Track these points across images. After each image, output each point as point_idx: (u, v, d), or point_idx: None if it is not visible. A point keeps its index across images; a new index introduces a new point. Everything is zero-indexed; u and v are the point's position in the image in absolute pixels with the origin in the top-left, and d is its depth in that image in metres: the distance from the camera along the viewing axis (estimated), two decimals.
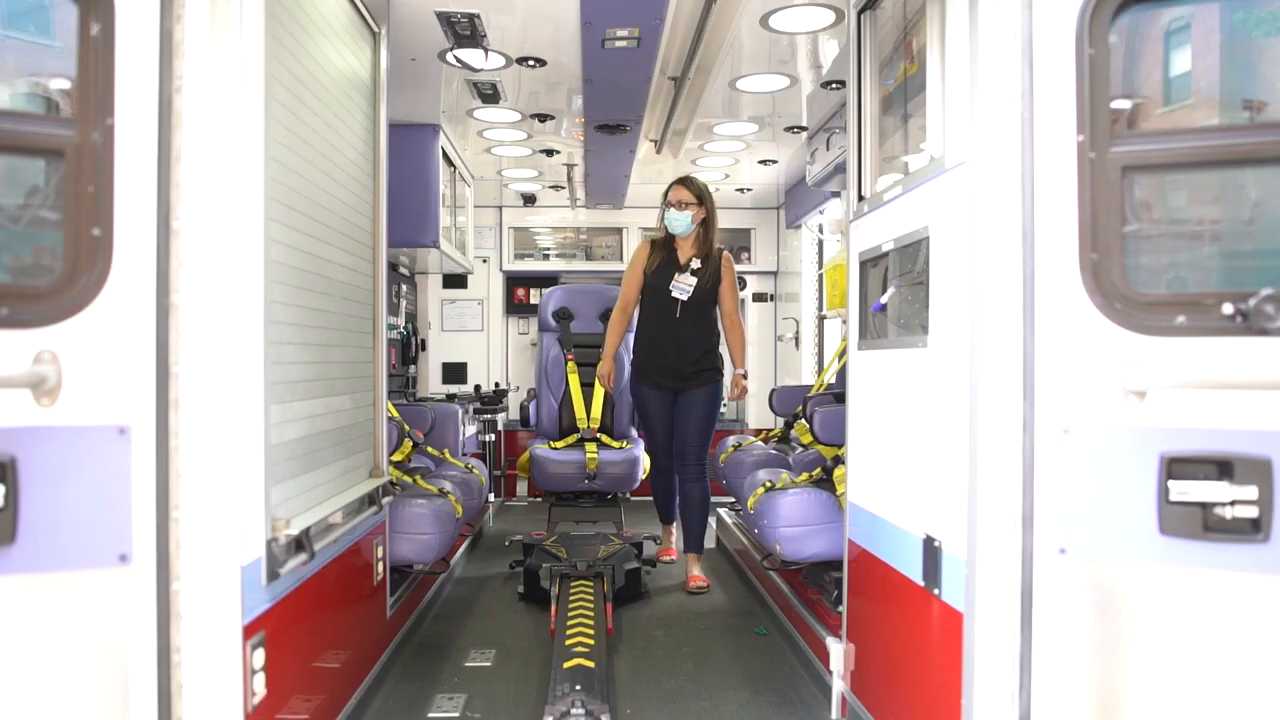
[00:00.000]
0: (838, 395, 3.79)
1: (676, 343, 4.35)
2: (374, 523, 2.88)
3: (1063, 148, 1.67)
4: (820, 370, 6.16)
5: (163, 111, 1.61)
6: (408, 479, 3.58)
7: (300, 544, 2.09)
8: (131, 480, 1.56)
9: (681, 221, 4.27)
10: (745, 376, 4.47)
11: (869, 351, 2.56)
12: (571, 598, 3.75)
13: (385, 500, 2.92)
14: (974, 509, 1.83)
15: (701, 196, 4.29)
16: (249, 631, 1.83)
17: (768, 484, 3.25)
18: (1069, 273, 1.67)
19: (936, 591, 2.02)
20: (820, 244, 6.38)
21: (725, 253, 4.42)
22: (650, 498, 4.86)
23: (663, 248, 4.39)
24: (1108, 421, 1.63)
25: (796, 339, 6.60)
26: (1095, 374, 1.64)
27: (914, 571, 2.17)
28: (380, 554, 2.99)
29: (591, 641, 3.13)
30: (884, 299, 2.41)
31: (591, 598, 3.72)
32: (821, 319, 6.17)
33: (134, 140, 1.57)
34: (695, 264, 4.33)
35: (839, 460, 3.23)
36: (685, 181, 4.33)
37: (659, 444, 4.54)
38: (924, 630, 2.12)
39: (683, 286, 4.31)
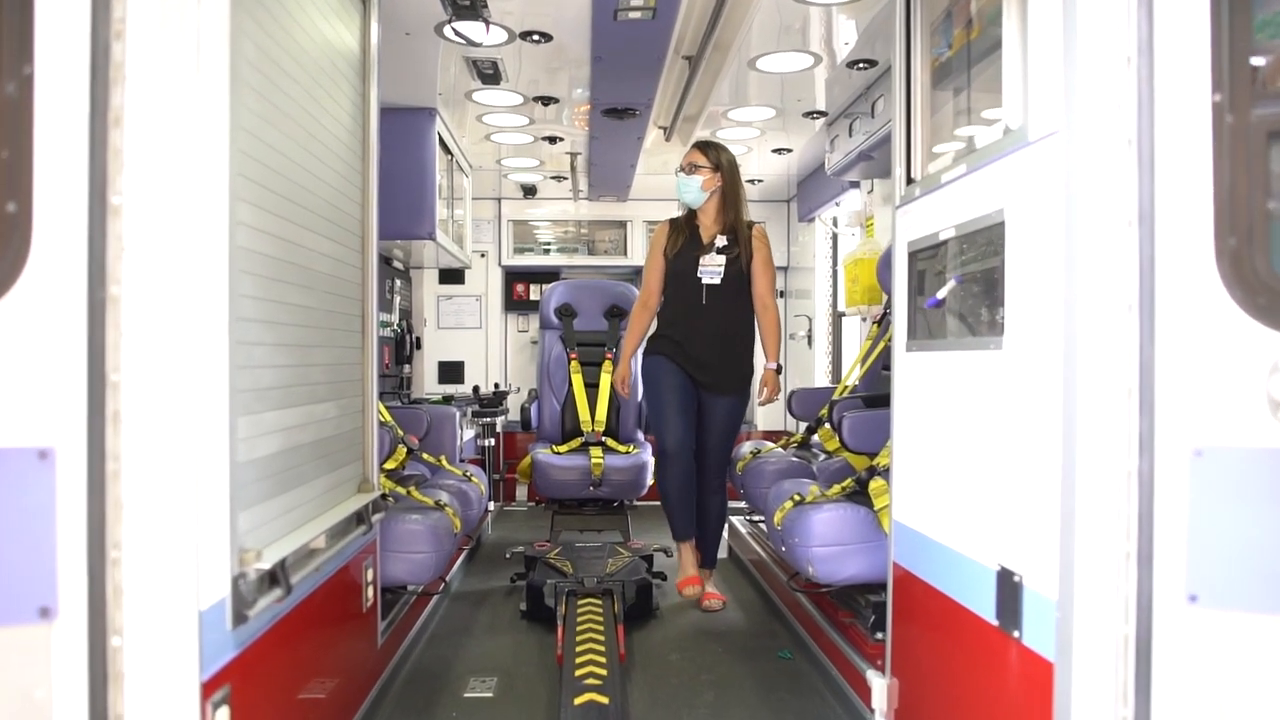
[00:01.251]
0: (866, 399, 3.51)
1: (702, 337, 3.78)
2: (363, 543, 2.58)
3: (1192, 110, 1.38)
4: (843, 371, 5.86)
5: (97, 62, 1.31)
6: (401, 490, 3.28)
7: (275, 578, 1.80)
8: (56, 515, 1.27)
9: (689, 187, 3.76)
10: (779, 371, 3.85)
11: (921, 353, 2.27)
12: (579, 618, 3.46)
13: (376, 518, 2.63)
14: (1070, 541, 1.54)
15: (718, 162, 3.77)
16: (209, 688, 1.53)
17: (796, 497, 2.97)
18: (1200, 261, 1.38)
19: (1016, 634, 1.73)
20: (835, 238, 6.09)
21: (758, 226, 3.88)
22: (658, 502, 4.09)
23: (684, 226, 3.87)
24: (1252, 441, 1.34)
25: (809, 337, 6.32)
26: (1235, 383, 1.35)
27: (983, 607, 1.88)
28: (370, 577, 2.69)
29: (604, 672, 2.84)
30: (941, 294, 2.12)
31: (601, 618, 3.43)
32: (839, 316, 5.88)
33: (59, 95, 1.28)
34: (721, 241, 3.77)
35: (874, 471, 2.95)
36: (701, 144, 3.86)
37: (675, 430, 3.78)
38: (997, 676, 1.83)
39: (711, 269, 3.73)
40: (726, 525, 4.49)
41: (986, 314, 1.92)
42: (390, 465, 3.74)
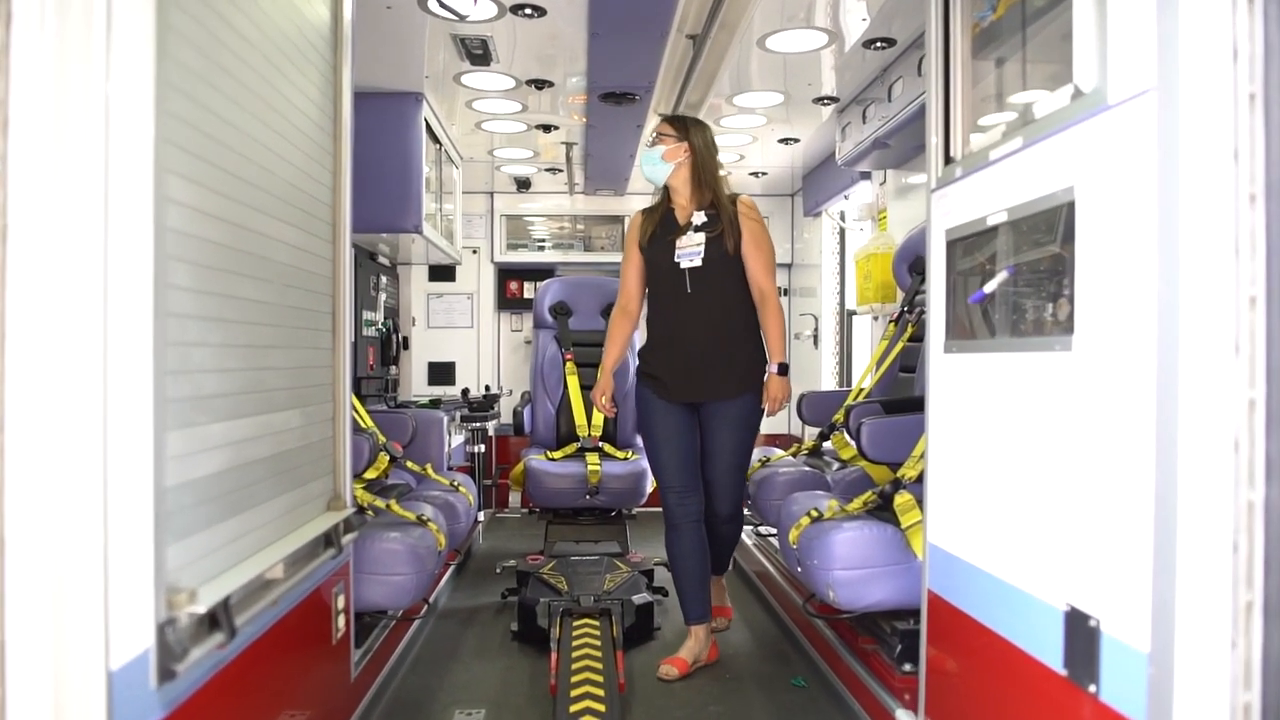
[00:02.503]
0: (886, 404, 3.24)
1: (692, 332, 3.14)
2: (333, 567, 2.31)
3: None
4: (853, 373, 5.58)
5: None
6: (380, 504, 3.00)
7: (216, 620, 1.52)
8: None
9: (651, 159, 3.19)
10: (784, 372, 3.16)
11: (963, 355, 2.00)
12: (575, 641, 3.19)
13: (348, 538, 2.36)
14: (1168, 584, 1.27)
15: (686, 133, 3.18)
16: None
17: (813, 513, 2.69)
18: None
19: (1091, 688, 1.47)
20: (842, 233, 5.83)
21: (745, 197, 3.23)
22: (659, 509, 3.40)
23: (657, 211, 3.29)
24: None
25: (815, 337, 6.05)
26: None
27: (1045, 652, 1.61)
28: (342, 604, 2.42)
29: (602, 707, 2.58)
30: (990, 287, 1.86)
31: (598, 642, 3.16)
32: (849, 315, 5.61)
33: None
34: (700, 218, 3.16)
35: (899, 485, 2.68)
36: (669, 116, 3.33)
37: (670, 477, 3.22)
38: None
39: (689, 250, 3.12)
40: None
41: (1049, 310, 1.66)
42: (371, 474, 3.47)
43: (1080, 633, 1.50)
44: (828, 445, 3.78)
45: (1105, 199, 1.46)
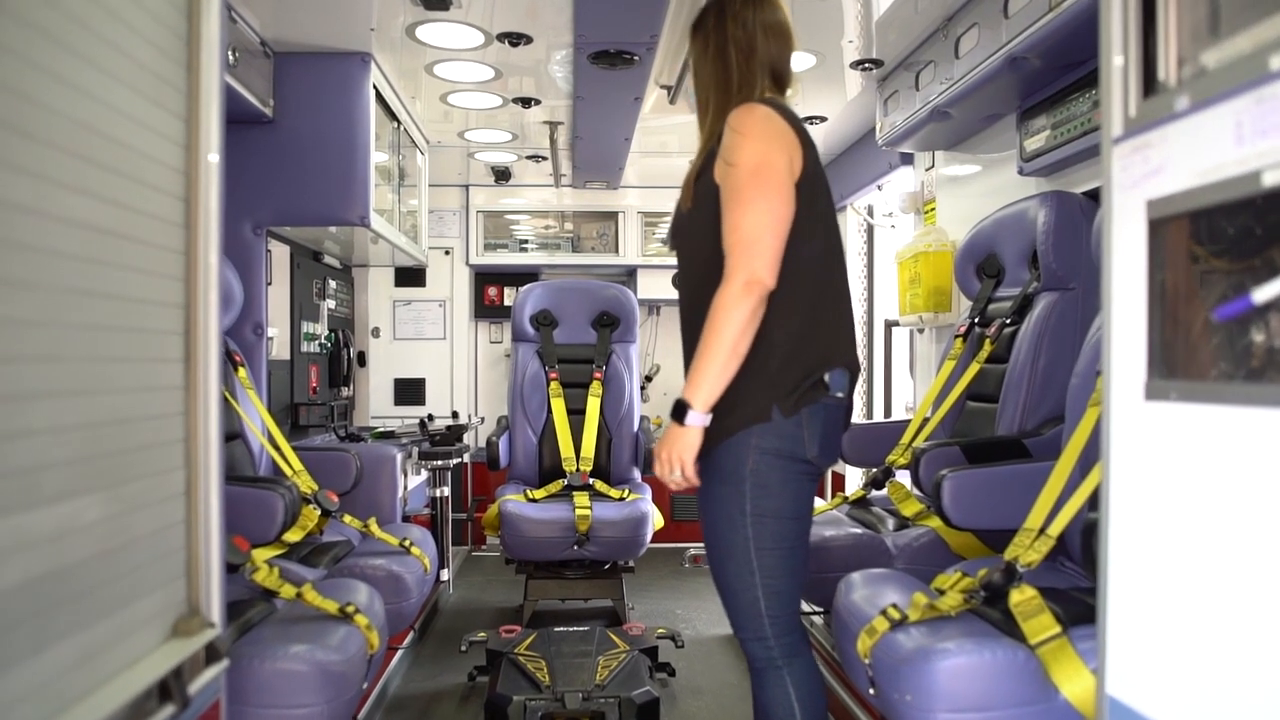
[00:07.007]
0: (968, 448, 2.46)
1: (684, 341, 2.05)
2: None
3: None
4: (898, 399, 4.77)
5: None
6: (291, 590, 2.19)
7: None
8: None
9: None
10: (681, 415, 1.81)
11: (1194, 406, 1.21)
12: None
13: (207, 676, 1.55)
14: None
15: (693, 31, 2.11)
16: None
17: (892, 613, 1.89)
18: None
19: None
20: (870, 230, 5.05)
21: (745, 106, 1.93)
22: (665, 545, 2.57)
23: None
24: None
25: None
26: None
27: None
28: None
29: None
30: (1267, 294, 1.07)
31: None
32: (887, 327, 4.81)
33: None
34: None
35: (1013, 575, 1.88)
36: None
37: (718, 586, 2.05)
38: None
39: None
40: None
41: None
42: (294, 536, 2.68)
43: None
44: (879, 493, 2.99)
45: None
